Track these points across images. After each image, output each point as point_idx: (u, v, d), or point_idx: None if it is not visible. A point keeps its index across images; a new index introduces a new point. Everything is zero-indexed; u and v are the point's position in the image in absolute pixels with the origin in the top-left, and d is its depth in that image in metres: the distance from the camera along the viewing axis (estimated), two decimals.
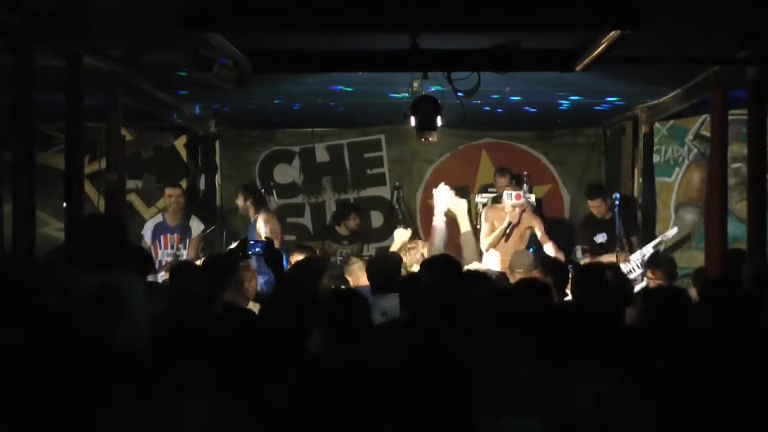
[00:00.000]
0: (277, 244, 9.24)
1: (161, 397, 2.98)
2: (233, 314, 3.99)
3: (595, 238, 9.46)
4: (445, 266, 5.23)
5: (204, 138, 10.96)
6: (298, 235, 11.11)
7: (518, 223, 8.68)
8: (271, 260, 5.35)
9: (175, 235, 9.20)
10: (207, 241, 9.94)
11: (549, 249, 8.45)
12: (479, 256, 7.80)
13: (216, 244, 10.25)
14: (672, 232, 9.16)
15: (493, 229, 8.72)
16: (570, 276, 5.59)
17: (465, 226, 7.14)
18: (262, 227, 8.93)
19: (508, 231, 8.62)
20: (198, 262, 8.38)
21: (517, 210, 8.62)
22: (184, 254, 9.09)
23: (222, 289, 5.26)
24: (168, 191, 9.43)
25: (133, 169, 10.15)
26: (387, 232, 11.48)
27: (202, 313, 3.91)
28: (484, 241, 8.65)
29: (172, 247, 9.17)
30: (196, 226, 9.40)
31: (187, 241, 9.22)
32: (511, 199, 8.63)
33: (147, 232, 9.29)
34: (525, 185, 10.45)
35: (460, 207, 7.21)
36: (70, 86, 6.27)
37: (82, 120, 6.44)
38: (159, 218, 9.45)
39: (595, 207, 9.50)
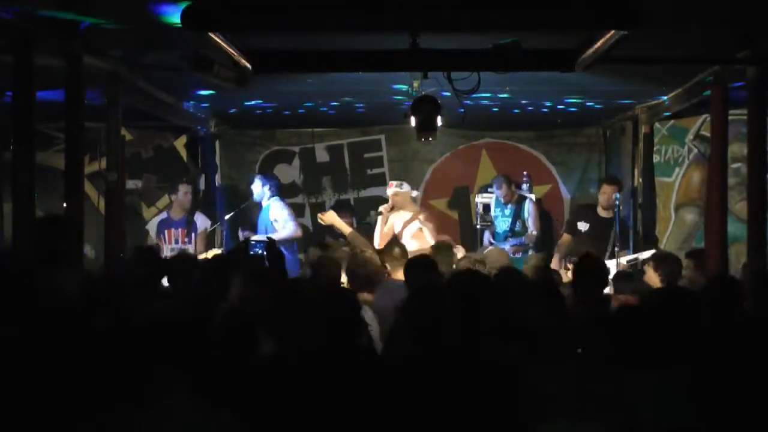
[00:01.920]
0: (287, 233, 9.29)
1: (150, 396, 2.97)
2: (231, 315, 4.00)
3: (578, 223, 9.57)
4: (426, 268, 5.43)
5: (204, 138, 10.96)
6: None
7: (392, 209, 8.89)
8: (272, 260, 5.35)
9: (180, 229, 9.26)
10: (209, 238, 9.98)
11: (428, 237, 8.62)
12: None
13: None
14: (646, 254, 8.90)
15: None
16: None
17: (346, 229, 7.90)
18: (277, 212, 9.24)
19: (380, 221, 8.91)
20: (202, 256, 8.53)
21: (390, 200, 8.90)
22: (191, 248, 9.13)
23: (224, 289, 5.25)
24: (182, 187, 9.65)
25: (133, 169, 10.14)
26: None
27: (199, 312, 3.92)
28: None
29: (176, 242, 9.24)
30: (202, 221, 9.47)
31: (193, 235, 9.27)
32: (388, 190, 9.07)
33: (152, 228, 9.40)
34: (525, 184, 10.52)
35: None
36: (70, 86, 6.28)
37: (82, 120, 6.44)
38: (164, 214, 9.54)
39: (607, 193, 9.41)
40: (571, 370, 3.20)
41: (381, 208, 8.94)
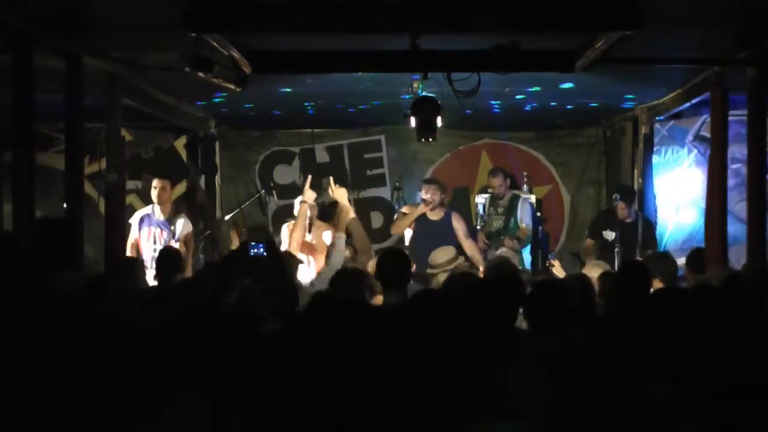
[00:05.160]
0: None
1: (157, 400, 2.97)
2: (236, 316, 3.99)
3: (604, 232, 9.14)
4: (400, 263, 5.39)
5: (204, 138, 10.96)
6: None
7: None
8: (273, 260, 5.33)
9: (160, 229, 8.92)
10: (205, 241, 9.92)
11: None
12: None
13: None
14: None
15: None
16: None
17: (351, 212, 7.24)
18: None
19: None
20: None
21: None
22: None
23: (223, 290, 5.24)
24: (155, 182, 8.99)
25: (133, 169, 10.14)
26: (387, 233, 11.51)
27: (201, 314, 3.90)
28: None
29: (155, 242, 8.87)
30: (183, 224, 9.03)
31: (172, 239, 8.93)
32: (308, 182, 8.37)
33: (134, 221, 8.94)
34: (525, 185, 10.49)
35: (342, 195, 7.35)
36: (70, 86, 6.28)
37: (82, 120, 6.45)
38: (148, 209, 9.10)
39: (621, 209, 9.08)
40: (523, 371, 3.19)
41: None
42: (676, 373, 3.38)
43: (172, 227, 8.89)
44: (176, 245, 8.67)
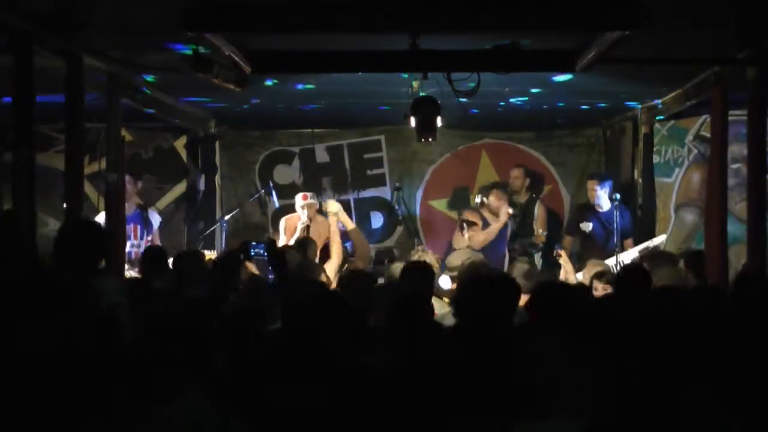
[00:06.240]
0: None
1: (157, 399, 2.97)
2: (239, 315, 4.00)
3: (581, 225, 9.28)
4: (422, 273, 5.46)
5: (204, 138, 10.96)
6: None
7: (310, 222, 8.51)
8: (274, 262, 5.33)
9: (132, 225, 8.86)
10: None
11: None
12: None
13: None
14: (660, 239, 8.99)
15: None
16: None
17: (350, 224, 7.25)
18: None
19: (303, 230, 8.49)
20: None
21: (306, 210, 8.53)
22: (143, 245, 8.67)
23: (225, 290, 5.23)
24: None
25: (133, 169, 10.12)
26: (387, 233, 11.52)
27: (202, 314, 3.91)
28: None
29: (129, 238, 8.64)
30: (156, 217, 9.07)
31: (146, 232, 8.85)
32: (299, 201, 8.66)
33: (101, 221, 8.85)
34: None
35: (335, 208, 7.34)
36: (70, 86, 6.28)
37: (82, 120, 6.45)
38: None
39: (591, 189, 9.28)
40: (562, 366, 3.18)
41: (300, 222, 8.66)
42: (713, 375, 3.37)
43: (150, 219, 8.89)
44: (152, 238, 8.75)
